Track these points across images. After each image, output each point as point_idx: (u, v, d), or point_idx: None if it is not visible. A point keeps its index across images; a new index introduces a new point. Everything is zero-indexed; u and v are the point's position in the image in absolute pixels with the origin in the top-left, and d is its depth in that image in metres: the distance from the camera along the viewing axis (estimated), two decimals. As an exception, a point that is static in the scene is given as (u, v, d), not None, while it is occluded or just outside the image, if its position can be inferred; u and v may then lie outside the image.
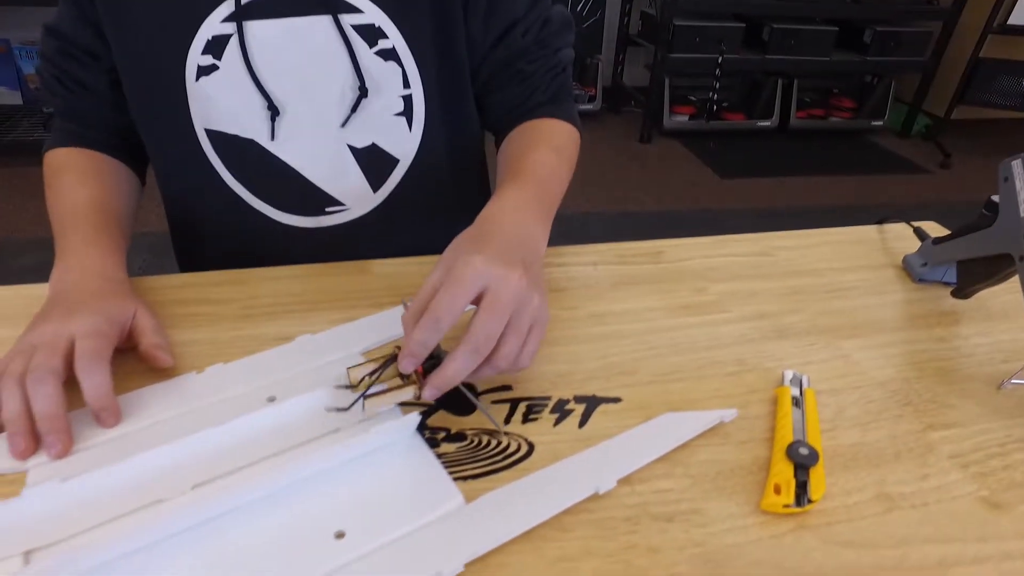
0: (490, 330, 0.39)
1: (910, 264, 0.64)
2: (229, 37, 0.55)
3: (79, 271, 0.50)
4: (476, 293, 0.39)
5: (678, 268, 0.63)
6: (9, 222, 2.05)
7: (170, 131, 0.60)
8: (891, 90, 3.22)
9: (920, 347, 0.54)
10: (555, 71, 0.65)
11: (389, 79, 0.59)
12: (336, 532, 0.34)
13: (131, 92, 0.59)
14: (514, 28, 0.61)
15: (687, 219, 2.35)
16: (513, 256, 0.42)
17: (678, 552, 0.36)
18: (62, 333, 0.42)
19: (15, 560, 0.32)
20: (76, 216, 0.54)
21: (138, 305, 0.48)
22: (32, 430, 0.38)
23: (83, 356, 0.41)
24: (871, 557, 0.36)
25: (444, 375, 0.39)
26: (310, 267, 0.60)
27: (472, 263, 0.40)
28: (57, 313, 0.44)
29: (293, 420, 0.40)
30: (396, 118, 0.61)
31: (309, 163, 0.62)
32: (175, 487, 0.36)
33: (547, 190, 0.54)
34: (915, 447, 0.43)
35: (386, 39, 0.58)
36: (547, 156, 0.57)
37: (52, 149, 0.61)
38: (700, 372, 0.49)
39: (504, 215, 0.48)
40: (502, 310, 0.39)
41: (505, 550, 0.35)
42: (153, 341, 0.46)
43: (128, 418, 0.41)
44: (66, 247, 0.52)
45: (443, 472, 0.39)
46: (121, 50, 0.57)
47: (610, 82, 3.34)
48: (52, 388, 0.39)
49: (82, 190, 0.57)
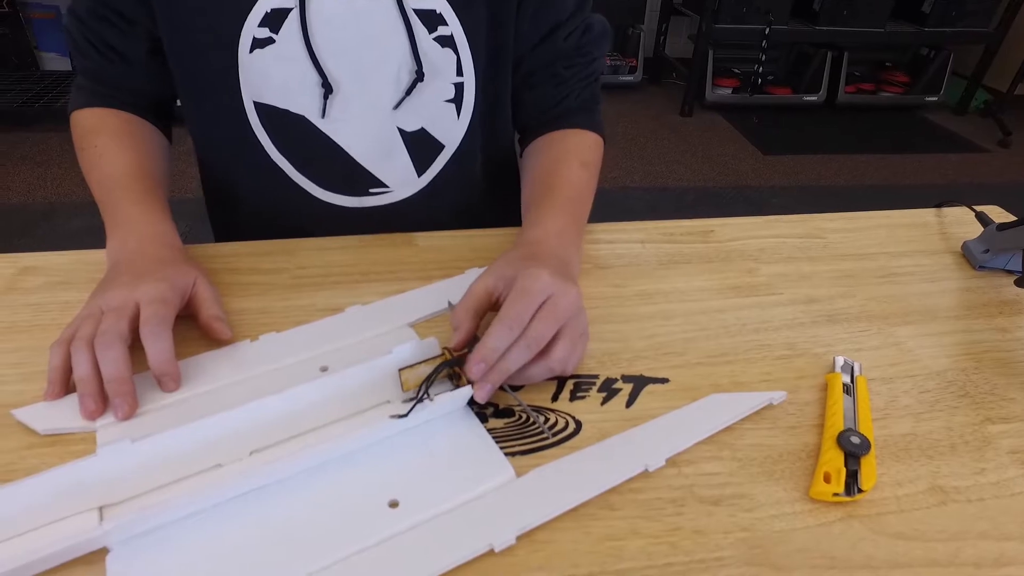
0: (544, 331, 0.42)
1: (970, 250, 0.62)
2: (289, 11, 0.54)
3: (137, 238, 0.51)
4: (541, 303, 0.42)
5: (727, 248, 0.62)
6: (61, 186, 2.11)
7: (217, 102, 0.60)
8: (949, 63, 3.07)
9: (979, 337, 0.52)
10: (588, 79, 0.66)
11: (444, 65, 0.59)
12: (390, 501, 0.35)
13: (178, 61, 0.59)
14: (558, 30, 0.62)
15: (727, 195, 2.30)
16: (567, 275, 0.46)
17: (724, 536, 0.36)
18: (129, 299, 0.43)
19: (92, 514, 0.34)
20: (123, 182, 0.55)
21: (198, 273, 0.49)
22: (101, 392, 0.40)
23: (148, 322, 0.42)
24: (923, 550, 0.35)
25: (498, 369, 0.40)
26: (357, 238, 0.60)
27: (540, 276, 0.43)
28: (124, 279, 0.45)
29: (346, 391, 0.41)
30: (446, 104, 0.62)
31: (358, 143, 0.62)
32: (233, 452, 0.38)
33: (581, 211, 0.58)
34: (972, 440, 0.42)
35: (445, 26, 0.57)
36: (578, 173, 0.60)
37: (80, 109, 0.60)
38: (749, 355, 0.48)
39: (549, 240, 0.51)
40: (560, 316, 0.42)
41: (552, 527, 0.35)
42: (213, 313, 0.47)
43: (187, 383, 0.43)
44: (120, 214, 0.52)
45: (494, 445, 0.39)
46: (170, 16, 0.56)
47: (652, 53, 3.26)
48: (119, 352, 0.40)
49: (122, 154, 0.57)
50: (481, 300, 0.45)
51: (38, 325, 0.48)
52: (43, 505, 0.34)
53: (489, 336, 0.41)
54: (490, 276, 0.45)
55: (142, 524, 0.33)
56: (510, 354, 0.41)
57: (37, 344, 0.46)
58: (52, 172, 2.18)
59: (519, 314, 0.41)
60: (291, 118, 0.59)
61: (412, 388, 0.42)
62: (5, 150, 2.30)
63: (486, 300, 0.45)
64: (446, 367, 0.42)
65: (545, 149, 0.64)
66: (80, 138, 0.59)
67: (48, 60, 2.68)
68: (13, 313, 0.49)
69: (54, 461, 0.37)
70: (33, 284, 0.52)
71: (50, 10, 2.57)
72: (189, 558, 0.33)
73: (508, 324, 0.41)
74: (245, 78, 0.58)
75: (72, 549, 0.32)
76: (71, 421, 0.40)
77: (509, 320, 0.41)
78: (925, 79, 3.10)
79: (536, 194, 0.59)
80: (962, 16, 2.88)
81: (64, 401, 0.41)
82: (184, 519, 0.34)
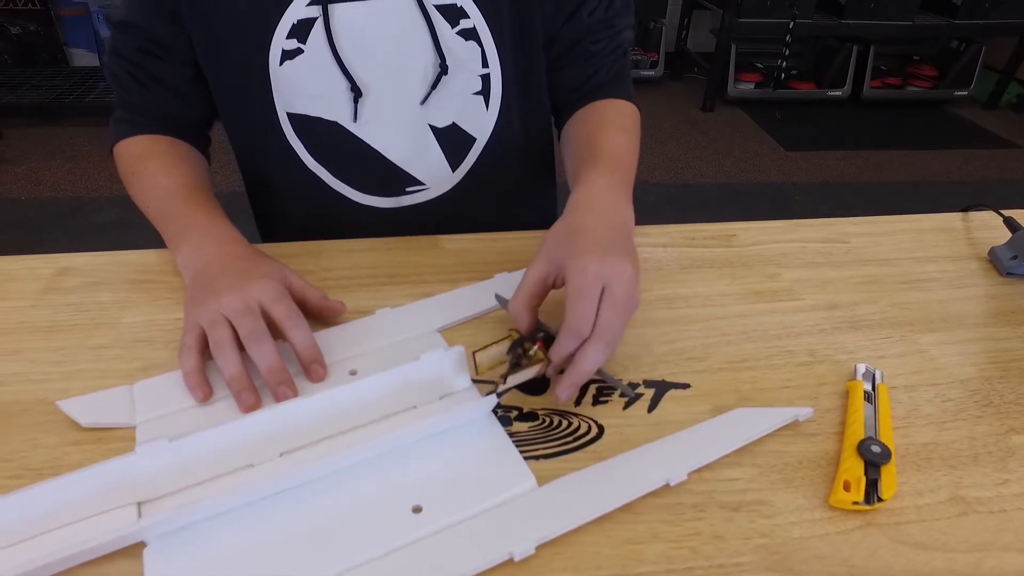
0: (615, 324, 0.42)
1: (997, 256, 0.61)
2: (314, 21, 0.55)
3: (214, 241, 0.51)
4: (599, 294, 0.42)
5: (749, 252, 0.62)
6: (89, 180, 2.16)
7: (251, 116, 0.61)
8: (981, 56, 3.00)
9: (1005, 345, 0.52)
10: (617, 52, 0.66)
11: (469, 58, 0.60)
12: (414, 507, 0.36)
13: (213, 79, 0.60)
14: (582, 7, 0.62)
15: (750, 192, 2.28)
16: (616, 245, 0.45)
17: (743, 542, 0.36)
18: (249, 299, 0.45)
19: (131, 509, 0.35)
20: (182, 193, 0.56)
21: (282, 265, 0.50)
22: (253, 386, 0.43)
23: (287, 317, 0.45)
24: (943, 560, 0.36)
25: (581, 371, 0.41)
26: (382, 240, 0.61)
27: (586, 269, 0.42)
28: (225, 282, 0.46)
29: (374, 395, 0.42)
30: (474, 97, 0.62)
31: (391, 143, 0.63)
32: (265, 453, 0.39)
33: (627, 170, 0.56)
34: (995, 450, 0.42)
35: (467, 19, 0.58)
36: (620, 137, 0.59)
37: (124, 140, 0.62)
38: (771, 361, 0.49)
39: (597, 200, 0.50)
40: (621, 305, 0.42)
41: (572, 529, 0.36)
42: (319, 295, 0.49)
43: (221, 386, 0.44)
44: (187, 221, 0.53)
45: (516, 453, 0.40)
46: (203, 38, 0.57)
47: (673, 47, 3.24)
48: (271, 345, 0.43)
49: (176, 170, 0.58)
50: (535, 291, 0.45)
51: (77, 325, 0.49)
52: (85, 500, 0.35)
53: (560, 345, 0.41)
54: (542, 262, 0.45)
55: (177, 521, 0.35)
56: (587, 356, 0.41)
57: (77, 343, 0.48)
58: (82, 166, 2.22)
59: (582, 320, 0.41)
60: (324, 125, 0.60)
61: (486, 371, 0.43)
62: (36, 145, 2.35)
63: (541, 289, 0.45)
64: (519, 345, 0.43)
65: (583, 121, 0.65)
66: (128, 165, 0.60)
67: (77, 56, 2.73)
68: (54, 313, 0.50)
69: (96, 457, 0.39)
70: (71, 284, 0.54)
71: (79, 7, 2.62)
72: (221, 554, 0.34)
73: (576, 332, 0.41)
74: (277, 90, 0.59)
75: (112, 543, 0.33)
76: (111, 416, 0.41)
77: (576, 328, 0.41)
78: (954, 72, 3.03)
79: (580, 159, 0.58)
80: (995, 7, 2.81)
81: (105, 395, 0.43)
82: (217, 516, 0.36)
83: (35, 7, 2.56)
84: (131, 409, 0.42)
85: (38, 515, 0.34)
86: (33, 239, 1.87)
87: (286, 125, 0.61)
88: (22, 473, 0.38)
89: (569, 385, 0.41)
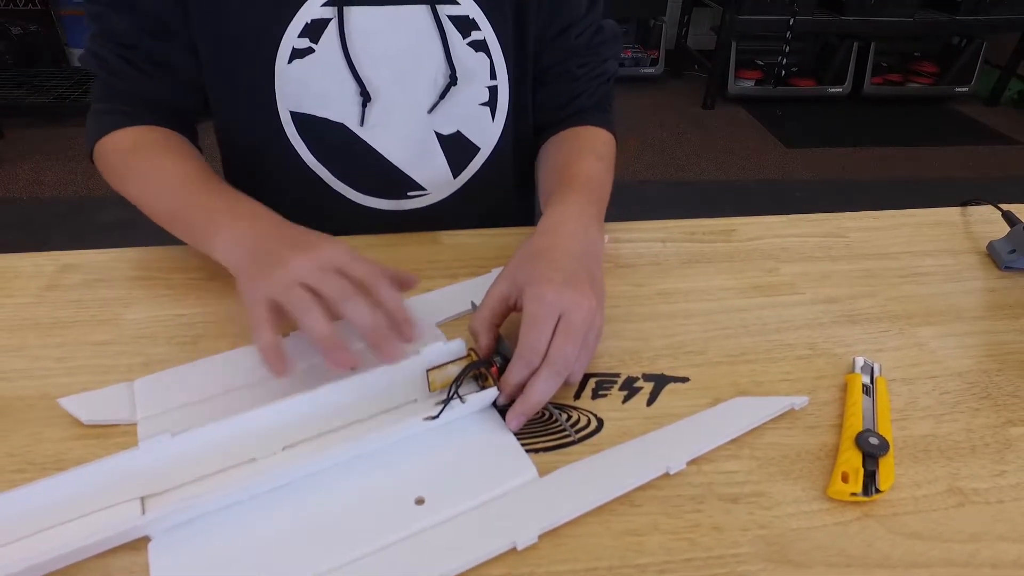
0: (567, 354, 0.41)
1: (996, 250, 0.61)
2: (328, 22, 0.55)
3: (252, 218, 0.48)
4: (554, 323, 0.42)
5: (749, 247, 0.62)
6: (90, 180, 2.16)
7: (251, 111, 0.60)
8: (982, 52, 2.99)
9: (1003, 338, 0.52)
10: (601, 79, 0.67)
11: (478, 70, 0.60)
12: (416, 498, 0.37)
13: (214, 70, 0.59)
14: (570, 28, 0.63)
15: (750, 189, 2.28)
16: (580, 273, 0.44)
17: (742, 533, 0.36)
18: (323, 261, 0.42)
19: (135, 504, 0.36)
20: (203, 179, 0.53)
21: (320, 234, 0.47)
22: (347, 346, 0.39)
23: (371, 274, 0.42)
24: (940, 550, 0.36)
25: (530, 402, 0.41)
26: (382, 237, 0.62)
27: (543, 298, 0.42)
28: (285, 254, 0.42)
29: (375, 390, 0.42)
30: (481, 108, 0.63)
31: (396, 149, 0.63)
32: (267, 448, 0.39)
33: (600, 196, 0.57)
34: (992, 443, 0.43)
35: (478, 31, 0.59)
36: (594, 164, 0.60)
37: (107, 135, 0.56)
38: (769, 355, 0.49)
39: (566, 224, 0.50)
40: (576, 335, 0.42)
41: (574, 521, 0.36)
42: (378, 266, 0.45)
43: (221, 380, 0.44)
44: (221, 207, 0.50)
45: (517, 445, 0.40)
46: (208, 26, 0.56)
47: (673, 45, 3.23)
48: (366, 301, 0.40)
49: (186, 161, 0.55)
50: (496, 310, 0.45)
51: (79, 321, 0.50)
52: (89, 494, 0.35)
53: (511, 373, 0.41)
54: (504, 282, 0.45)
55: (181, 515, 0.35)
56: (536, 386, 0.41)
57: (80, 339, 0.48)
58: (83, 167, 2.23)
59: (533, 348, 0.41)
60: (330, 126, 0.60)
61: (439, 388, 0.43)
62: (37, 145, 2.36)
63: (502, 308, 0.46)
64: (473, 368, 0.43)
65: (560, 144, 0.65)
66: (122, 159, 0.56)
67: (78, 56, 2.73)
68: (56, 309, 0.51)
69: (100, 452, 0.39)
70: (73, 281, 0.54)
71: (80, 7, 2.63)
72: (225, 547, 0.34)
73: (527, 360, 0.41)
74: (281, 88, 0.58)
75: (116, 537, 0.34)
76: (112, 413, 0.42)
77: (527, 356, 0.41)
78: (955, 69, 3.03)
79: (553, 183, 0.59)
80: (996, 3, 2.80)
81: (106, 392, 0.43)
82: (220, 510, 0.36)
83: (36, 7, 2.57)
84: (132, 406, 0.42)
85: (43, 510, 0.34)
86: (34, 239, 1.87)
87: (288, 124, 0.60)
88: (26, 468, 0.38)
89: (519, 415, 0.41)
